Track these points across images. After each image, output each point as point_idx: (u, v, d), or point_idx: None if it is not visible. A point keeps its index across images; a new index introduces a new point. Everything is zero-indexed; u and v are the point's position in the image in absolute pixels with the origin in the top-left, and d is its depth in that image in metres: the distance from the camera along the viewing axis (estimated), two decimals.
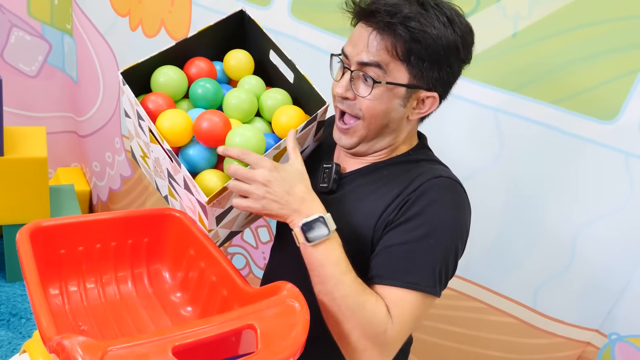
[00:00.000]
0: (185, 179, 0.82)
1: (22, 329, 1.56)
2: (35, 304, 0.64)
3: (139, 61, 0.88)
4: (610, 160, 1.14)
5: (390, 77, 0.79)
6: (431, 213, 0.78)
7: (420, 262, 0.77)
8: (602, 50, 1.09)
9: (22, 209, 1.67)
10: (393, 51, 0.77)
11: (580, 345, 1.32)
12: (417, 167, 0.86)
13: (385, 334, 0.74)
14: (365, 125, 0.83)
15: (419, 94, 0.81)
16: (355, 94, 0.81)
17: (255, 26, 0.95)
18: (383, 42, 0.77)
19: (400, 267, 0.78)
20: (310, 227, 0.75)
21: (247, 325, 0.63)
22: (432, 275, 0.77)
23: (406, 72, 0.79)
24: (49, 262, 0.82)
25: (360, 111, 0.82)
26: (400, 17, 0.75)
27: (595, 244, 1.21)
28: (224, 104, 0.92)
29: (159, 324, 0.86)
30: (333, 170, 0.89)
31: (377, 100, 0.80)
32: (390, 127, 0.84)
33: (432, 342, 1.46)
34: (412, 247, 0.78)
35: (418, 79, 0.79)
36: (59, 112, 2.27)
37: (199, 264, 0.88)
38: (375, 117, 0.82)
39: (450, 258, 0.80)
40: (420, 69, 0.78)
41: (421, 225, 0.78)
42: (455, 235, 0.80)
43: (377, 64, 0.78)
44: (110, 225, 0.88)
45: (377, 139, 0.85)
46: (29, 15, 2.07)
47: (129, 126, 0.96)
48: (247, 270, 1.76)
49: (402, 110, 0.82)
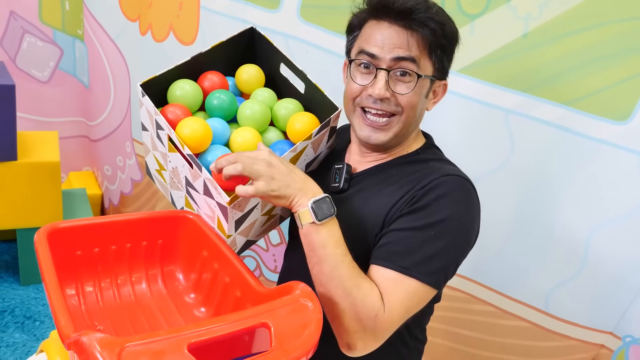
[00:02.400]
0: (206, 181, 0.83)
1: (36, 332, 1.57)
2: (53, 303, 0.65)
3: (156, 74, 0.91)
4: (623, 161, 1.13)
5: (422, 71, 0.82)
6: (437, 206, 0.79)
7: (418, 250, 0.77)
8: (614, 50, 1.09)
9: (35, 213, 1.69)
10: (423, 45, 0.81)
11: (594, 347, 1.31)
12: (426, 166, 0.86)
13: (375, 318, 0.74)
14: (403, 119, 0.84)
15: (436, 83, 0.86)
16: (393, 92, 0.82)
17: (266, 41, 0.99)
18: (415, 38, 0.81)
19: (397, 250, 0.78)
20: (319, 206, 0.76)
21: (261, 324, 0.64)
22: (427, 265, 0.77)
23: (431, 65, 0.83)
24: (66, 263, 0.83)
25: (398, 107, 0.83)
26: (431, 13, 0.80)
27: (609, 245, 1.20)
28: (238, 115, 0.95)
29: (173, 324, 0.86)
30: (344, 170, 0.90)
31: (415, 94, 0.83)
32: (418, 120, 0.88)
33: (444, 345, 1.46)
34: (412, 234, 0.78)
35: (438, 71, 0.84)
36: (70, 116, 2.29)
37: (213, 265, 0.88)
38: (413, 111, 0.84)
39: (452, 253, 0.79)
40: (441, 60, 0.83)
41: (426, 216, 0.78)
42: (460, 231, 0.80)
43: (412, 59, 0.81)
44: (125, 227, 0.89)
45: (406, 133, 0.88)
46: (40, 21, 2.10)
47: (145, 140, 0.98)
48: (258, 272, 1.77)
49: (426, 101, 0.87)
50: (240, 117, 0.95)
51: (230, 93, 0.96)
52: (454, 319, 1.43)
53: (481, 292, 1.37)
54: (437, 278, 0.78)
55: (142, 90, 0.88)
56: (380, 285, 0.76)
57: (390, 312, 0.75)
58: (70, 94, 2.23)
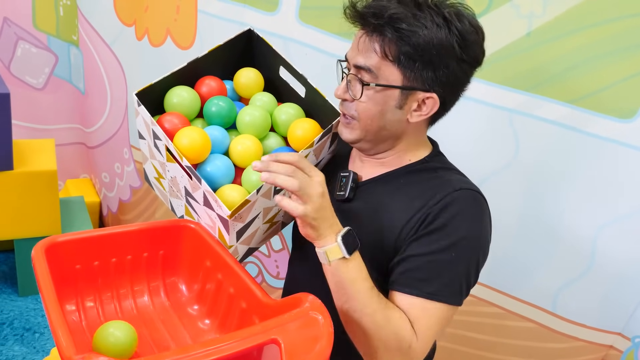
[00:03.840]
0: (206, 194, 0.82)
1: (36, 344, 1.55)
2: (53, 322, 0.62)
3: (152, 82, 0.89)
4: (629, 159, 1.12)
5: (382, 80, 0.79)
6: (454, 226, 0.78)
7: (442, 273, 0.77)
8: (618, 47, 1.07)
9: (33, 223, 1.67)
10: (382, 53, 0.77)
11: (602, 348, 1.30)
12: (435, 177, 0.85)
13: (410, 349, 0.75)
14: (360, 126, 0.83)
15: (417, 95, 0.80)
16: (352, 96, 0.82)
17: (264, 44, 0.96)
18: (372, 44, 0.78)
19: (421, 277, 0.78)
20: (347, 240, 0.74)
21: (271, 340, 0.62)
22: (453, 287, 0.78)
23: (399, 74, 0.78)
24: (65, 278, 0.81)
25: (355, 112, 0.83)
26: (386, 17, 0.75)
27: (616, 244, 1.19)
28: (237, 121, 0.93)
29: (176, 337, 0.84)
30: (350, 179, 0.88)
31: (371, 102, 0.80)
32: (389, 130, 0.83)
33: (451, 348, 1.44)
34: (434, 258, 0.78)
35: (412, 80, 0.78)
36: (66, 123, 2.27)
37: (216, 275, 0.86)
38: (370, 119, 0.82)
39: (472, 270, 0.80)
40: (412, 69, 0.77)
41: (444, 237, 0.78)
42: (477, 247, 0.80)
43: (368, 68, 0.79)
44: (126, 239, 0.87)
45: (377, 140, 0.85)
46: (34, 28, 2.07)
47: (142, 148, 0.96)
48: (260, 278, 1.75)
49: (399, 112, 0.81)
50: (239, 124, 0.93)
51: (228, 99, 0.94)
52: (459, 321, 1.42)
53: (487, 294, 1.36)
54: (461, 297, 0.80)
55: (137, 100, 0.86)
56: (409, 314, 0.77)
57: (423, 339, 0.76)
58: (66, 100, 2.20)
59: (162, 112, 0.92)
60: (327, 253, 0.74)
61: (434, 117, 0.85)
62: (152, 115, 0.85)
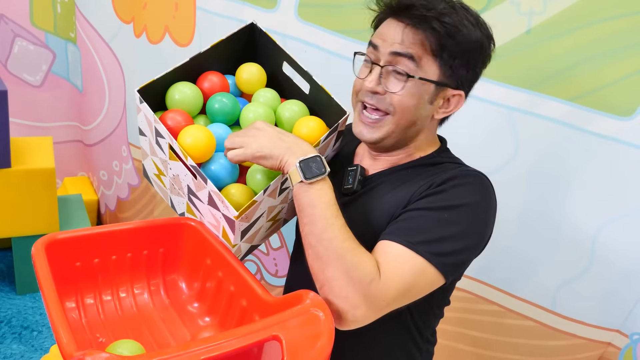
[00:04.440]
0: (212, 194, 0.81)
1: (34, 342, 1.54)
2: (54, 319, 0.62)
3: (154, 78, 0.88)
4: (629, 157, 1.12)
5: (422, 72, 0.78)
6: (453, 192, 0.77)
7: (427, 229, 0.74)
8: (619, 45, 1.07)
9: (31, 221, 1.66)
10: (427, 45, 0.77)
11: (601, 346, 1.30)
12: (442, 166, 0.85)
13: (370, 284, 0.69)
14: (394, 121, 0.82)
15: (446, 92, 0.81)
16: (385, 89, 0.80)
17: (267, 38, 0.95)
18: (418, 35, 0.77)
19: (406, 227, 0.75)
20: (307, 165, 0.74)
21: (272, 337, 0.62)
22: (436, 246, 0.73)
23: (437, 69, 0.79)
24: (65, 276, 0.80)
25: (390, 106, 0.81)
26: (436, 12, 0.75)
27: (616, 242, 1.19)
28: (241, 119, 0.92)
29: (176, 335, 0.84)
30: (358, 172, 0.88)
31: (409, 95, 0.79)
32: (417, 125, 0.83)
33: (450, 346, 1.44)
34: (425, 214, 0.76)
35: (447, 77, 0.79)
36: (64, 121, 2.26)
37: (217, 273, 0.86)
38: (405, 112, 0.81)
39: (465, 241, 0.76)
40: (450, 66, 0.78)
41: (442, 199, 0.77)
42: (475, 220, 0.78)
43: (411, 56, 0.77)
44: (126, 237, 0.86)
45: (402, 136, 0.84)
46: (32, 25, 2.06)
47: (143, 145, 0.95)
48: (259, 276, 1.74)
49: (429, 107, 0.82)
50: (243, 122, 0.92)
51: (232, 96, 0.93)
52: (459, 319, 1.41)
53: (487, 292, 1.36)
54: (445, 262, 0.74)
55: (139, 97, 0.85)
56: (381, 256, 0.72)
57: (387, 280, 0.70)
58: (63, 98, 2.19)
59: (163, 109, 0.91)
60: (290, 176, 0.76)
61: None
62: (153, 112, 0.84)
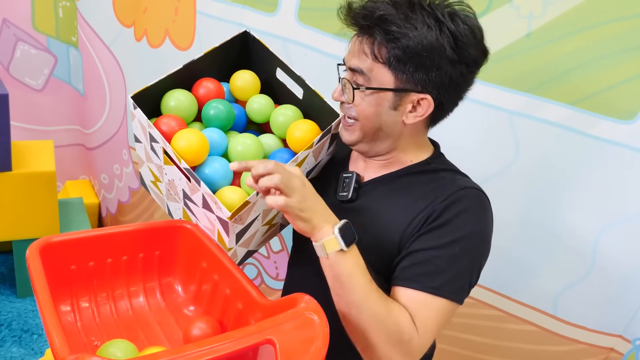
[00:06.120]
0: (205, 196, 0.81)
1: (34, 345, 1.54)
2: (47, 322, 0.62)
3: (148, 85, 0.88)
4: (630, 160, 1.11)
5: (375, 82, 0.79)
6: (458, 222, 0.78)
7: (446, 268, 0.77)
8: (619, 48, 1.06)
9: (31, 224, 1.66)
10: (373, 55, 0.77)
11: (603, 351, 1.29)
12: (438, 177, 0.85)
13: (410, 343, 0.74)
14: (360, 127, 0.84)
15: (411, 97, 0.80)
16: (346, 99, 0.83)
17: (260, 45, 0.96)
18: (362, 46, 0.78)
19: (424, 271, 0.77)
20: (344, 232, 0.73)
21: (266, 340, 0.61)
22: (455, 283, 0.77)
23: (391, 76, 0.78)
24: (60, 279, 0.80)
25: (355, 114, 0.83)
26: (376, 18, 0.75)
27: (617, 246, 1.18)
28: (229, 151, 0.91)
29: (172, 338, 0.84)
30: (353, 180, 0.88)
31: (366, 104, 0.81)
32: (385, 131, 0.84)
33: (451, 351, 1.43)
34: (437, 253, 0.77)
35: (404, 82, 0.78)
36: (66, 125, 2.26)
37: (212, 276, 0.86)
38: (367, 120, 0.83)
39: (474, 268, 0.80)
40: (403, 71, 0.77)
41: (448, 233, 0.78)
42: (480, 244, 0.80)
43: (361, 70, 0.79)
44: (121, 239, 0.86)
45: (375, 141, 0.86)
46: (34, 29, 2.07)
47: (139, 152, 0.95)
48: (259, 280, 1.74)
49: (394, 113, 0.82)
50: (232, 155, 0.90)
51: (227, 102, 0.93)
52: (459, 324, 1.40)
53: (487, 296, 1.35)
54: (463, 294, 0.79)
55: (133, 103, 0.85)
56: (410, 308, 0.76)
57: (424, 334, 0.75)
58: (65, 102, 2.20)
59: (158, 115, 0.91)
60: (325, 245, 0.73)
61: (434, 118, 0.85)
62: (148, 118, 0.84)
